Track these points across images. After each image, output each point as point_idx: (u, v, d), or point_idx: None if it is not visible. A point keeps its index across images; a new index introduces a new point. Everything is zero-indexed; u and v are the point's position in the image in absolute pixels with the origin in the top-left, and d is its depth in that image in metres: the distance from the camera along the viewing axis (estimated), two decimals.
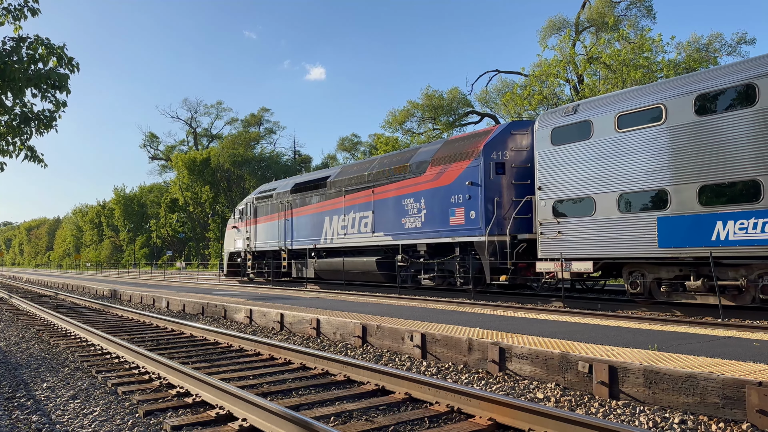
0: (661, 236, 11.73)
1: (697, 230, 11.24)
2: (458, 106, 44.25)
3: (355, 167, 22.33)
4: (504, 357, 6.90)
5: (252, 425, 4.99)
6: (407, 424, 5.10)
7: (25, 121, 8.97)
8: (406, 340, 8.34)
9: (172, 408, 5.72)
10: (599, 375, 5.81)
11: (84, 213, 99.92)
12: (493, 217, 15.64)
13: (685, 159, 11.50)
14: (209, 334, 10.43)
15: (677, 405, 5.24)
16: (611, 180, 12.67)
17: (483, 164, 15.97)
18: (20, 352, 9.68)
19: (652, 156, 11.96)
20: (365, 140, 63.02)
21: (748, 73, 10.82)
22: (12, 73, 8.24)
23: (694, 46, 31.73)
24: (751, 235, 10.41)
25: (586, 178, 13.16)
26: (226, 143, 66.14)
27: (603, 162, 12.86)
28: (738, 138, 10.70)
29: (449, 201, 16.96)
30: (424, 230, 17.89)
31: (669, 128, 11.73)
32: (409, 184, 18.58)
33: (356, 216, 20.85)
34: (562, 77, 34.39)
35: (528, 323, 9.10)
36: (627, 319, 10.39)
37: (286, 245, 25.15)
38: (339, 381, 6.74)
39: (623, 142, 12.51)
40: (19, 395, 6.52)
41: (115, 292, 22.41)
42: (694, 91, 11.44)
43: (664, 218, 11.69)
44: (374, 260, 19.75)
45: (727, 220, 10.77)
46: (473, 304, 13.22)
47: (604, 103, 13.28)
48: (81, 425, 5.29)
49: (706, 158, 11.14)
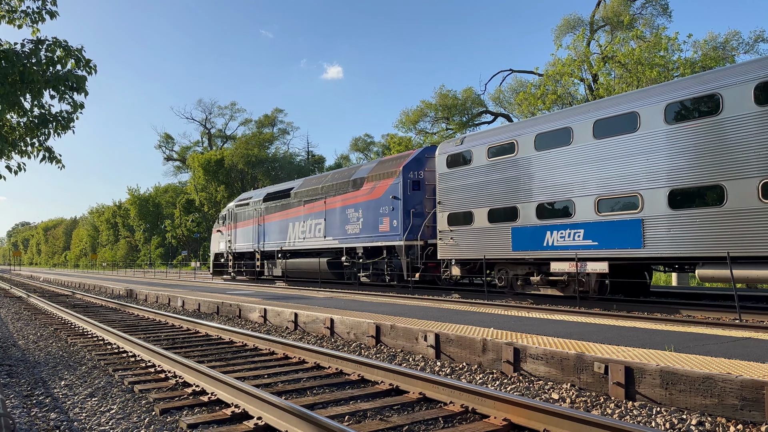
0: (514, 242, 15.04)
1: (534, 238, 14.51)
2: (472, 105, 44.13)
3: (313, 180, 25.85)
4: (518, 357, 6.87)
5: (267, 424, 5.01)
6: (422, 423, 5.10)
7: (43, 123, 9.07)
8: (420, 340, 8.34)
9: (188, 406, 5.77)
10: (615, 376, 5.77)
11: (100, 213, 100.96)
12: (409, 226, 19.00)
13: (530, 183, 14.71)
14: (224, 333, 10.50)
15: (694, 406, 5.19)
16: (484, 197, 16.01)
17: (402, 182, 19.41)
18: (38, 350, 9.80)
19: (509, 180, 15.30)
20: (378, 140, 63.05)
21: (566, 120, 14.12)
22: (31, 75, 8.35)
23: (711, 45, 31.36)
24: (567, 242, 13.78)
25: (468, 195, 16.51)
26: (240, 144, 66.48)
27: (478, 182, 16.17)
28: (556, 170, 14.14)
29: (379, 211, 20.38)
30: (361, 236, 21.22)
31: (518, 159, 15.07)
32: (351, 196, 22.04)
33: (313, 223, 24.32)
34: (577, 76, 34.17)
35: (542, 324, 9.06)
36: (643, 320, 10.31)
37: (259, 247, 28.46)
38: (353, 380, 6.75)
39: (491, 168, 15.85)
40: (37, 393, 6.61)
41: (131, 291, 22.62)
42: (535, 132, 14.72)
43: (516, 228, 15.03)
44: (326, 261, 23.13)
45: (554, 231, 14.07)
46: (487, 305, 13.18)
47: (480, 137, 16.80)
48: (98, 423, 5.34)
49: (542, 185, 14.43)
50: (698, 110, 11.62)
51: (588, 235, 13.36)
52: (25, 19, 9.47)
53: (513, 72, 41.96)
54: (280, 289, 20.54)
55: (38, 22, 9.45)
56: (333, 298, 15.42)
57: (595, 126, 13.26)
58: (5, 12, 9.59)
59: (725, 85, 11.19)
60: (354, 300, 14.50)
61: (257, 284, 22.41)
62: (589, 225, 13.34)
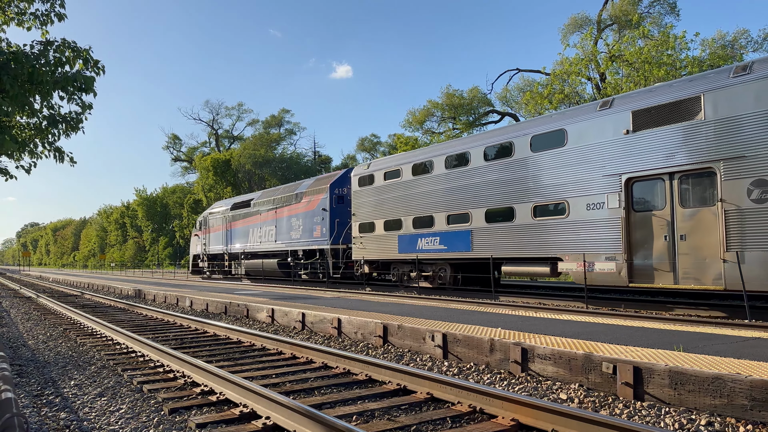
0: (399, 246, 19.37)
1: (411, 243, 18.79)
2: (478, 105, 44.04)
3: (269, 193, 30.57)
4: (526, 357, 6.86)
5: (275, 423, 5.03)
6: (429, 423, 5.10)
7: (53, 123, 9.15)
8: (428, 340, 8.34)
9: (196, 406, 5.79)
10: (624, 376, 5.75)
11: (108, 214, 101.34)
12: (334, 233, 23.44)
13: (409, 201, 18.98)
14: (232, 333, 10.53)
15: (704, 406, 5.17)
16: (381, 211, 20.25)
17: (329, 196, 23.95)
18: (48, 350, 9.87)
19: (397, 198, 19.51)
20: (385, 140, 63.00)
21: (429, 155, 18.46)
22: (40, 76, 8.41)
23: (720, 43, 31.16)
24: (430, 246, 18.00)
25: (372, 209, 20.73)
26: (247, 144, 66.57)
27: (378, 199, 20.41)
28: (424, 193, 18.35)
29: (313, 221, 24.89)
30: (302, 240, 25.76)
31: (402, 182, 19.32)
32: (295, 208, 26.61)
33: (267, 229, 28.94)
34: (584, 75, 34.03)
35: (550, 324, 9.04)
36: (651, 319, 10.27)
37: (227, 249, 33.26)
38: (361, 380, 6.76)
39: (386, 188, 20.07)
40: (47, 392, 6.65)
41: (139, 291, 22.73)
42: (411, 162, 18.98)
43: (400, 236, 19.35)
44: (276, 261, 27.65)
45: (423, 238, 18.35)
46: (494, 305, 13.17)
47: (381, 163, 21.01)
48: (108, 422, 5.38)
49: (414, 204, 18.72)
50: (500, 153, 15.84)
51: (442, 242, 17.58)
52: (34, 22, 9.55)
53: (520, 71, 41.89)
54: (287, 289, 20.61)
55: (47, 24, 9.52)
56: (340, 298, 15.44)
57: (446, 161, 17.59)
58: (14, 14, 9.67)
59: (519, 136, 15.29)
60: (361, 300, 14.52)
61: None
62: (442, 234, 17.57)
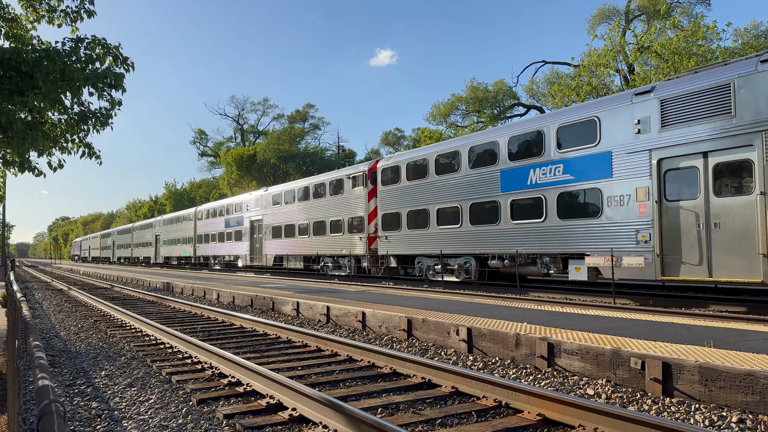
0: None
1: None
2: (503, 98, 43.66)
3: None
4: (553, 352, 6.80)
5: (302, 415, 5.07)
6: (455, 417, 5.09)
7: (83, 119, 9.30)
8: (452, 334, 8.32)
9: (224, 397, 5.87)
10: (652, 371, 5.67)
11: (137, 208, 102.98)
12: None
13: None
14: (258, 325, 10.64)
15: (735, 403, 5.07)
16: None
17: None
18: (79, 341, 10.09)
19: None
20: (408, 134, 62.84)
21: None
22: (71, 73, 8.56)
23: (753, 33, 30.40)
24: None
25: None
26: (272, 139, 67.02)
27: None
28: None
29: None
30: None
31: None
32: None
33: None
34: (612, 67, 33.49)
35: (577, 319, 8.95)
36: (681, 315, 10.10)
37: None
38: (385, 373, 6.78)
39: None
40: (79, 382, 6.80)
41: (168, 284, 23.08)
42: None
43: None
44: None
45: None
46: (520, 299, 13.07)
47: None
48: (138, 412, 5.48)
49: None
50: None
51: None
52: (64, 19, 9.72)
53: (546, 63, 41.39)
54: (313, 283, 20.72)
55: (77, 21, 9.68)
56: (364, 291, 15.49)
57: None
58: (45, 11, 9.85)
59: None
60: (385, 294, 14.54)
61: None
62: None
